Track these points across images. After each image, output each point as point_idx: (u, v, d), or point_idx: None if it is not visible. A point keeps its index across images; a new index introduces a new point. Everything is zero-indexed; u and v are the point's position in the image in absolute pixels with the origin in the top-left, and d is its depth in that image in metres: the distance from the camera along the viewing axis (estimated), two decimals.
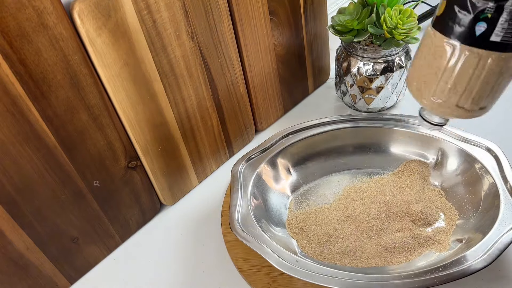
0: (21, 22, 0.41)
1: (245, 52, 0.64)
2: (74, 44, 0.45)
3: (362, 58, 0.67)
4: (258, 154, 0.61)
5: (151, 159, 0.58)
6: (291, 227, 0.57)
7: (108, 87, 0.50)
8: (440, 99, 0.42)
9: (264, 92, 0.70)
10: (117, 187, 0.56)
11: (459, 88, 0.40)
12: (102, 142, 0.52)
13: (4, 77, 0.42)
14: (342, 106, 0.76)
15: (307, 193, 0.61)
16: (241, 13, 0.60)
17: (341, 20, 0.65)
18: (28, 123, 0.45)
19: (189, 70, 0.57)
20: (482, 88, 0.40)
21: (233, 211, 0.53)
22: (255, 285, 0.53)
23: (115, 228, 0.58)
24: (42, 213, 0.50)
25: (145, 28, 0.50)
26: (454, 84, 0.40)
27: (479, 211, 0.54)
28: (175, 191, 0.64)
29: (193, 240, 0.60)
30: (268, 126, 0.74)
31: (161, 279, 0.56)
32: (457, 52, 0.38)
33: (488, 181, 0.54)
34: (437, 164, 0.60)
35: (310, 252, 0.54)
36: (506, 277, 0.50)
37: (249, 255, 0.55)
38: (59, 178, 0.50)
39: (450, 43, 0.38)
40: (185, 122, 0.60)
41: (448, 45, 0.38)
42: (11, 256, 0.49)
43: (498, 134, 0.65)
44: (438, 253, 0.51)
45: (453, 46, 0.38)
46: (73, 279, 0.56)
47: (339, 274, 0.46)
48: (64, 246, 0.53)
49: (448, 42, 0.38)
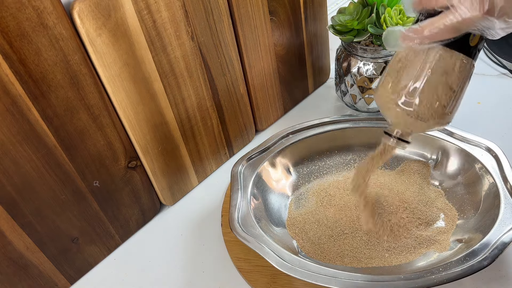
0: (21, 22, 0.41)
1: (245, 52, 0.64)
2: (74, 44, 0.45)
3: (362, 58, 0.67)
4: (258, 154, 0.61)
5: (151, 159, 0.58)
6: (291, 227, 0.57)
7: (108, 87, 0.50)
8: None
9: (264, 92, 0.70)
10: (117, 187, 0.56)
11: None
12: (102, 142, 0.52)
13: (4, 77, 0.42)
14: (342, 106, 0.76)
15: (307, 193, 0.61)
16: (241, 13, 0.60)
17: (341, 20, 0.65)
18: (28, 123, 0.45)
19: (189, 70, 0.57)
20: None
21: (233, 211, 0.53)
22: (255, 285, 0.53)
23: (115, 228, 0.58)
24: (42, 213, 0.50)
25: (145, 28, 0.50)
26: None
27: (479, 211, 0.54)
28: (175, 191, 0.64)
29: (193, 240, 0.60)
30: (268, 126, 0.74)
31: (161, 279, 0.56)
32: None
33: (488, 181, 0.54)
34: (437, 164, 0.60)
35: (310, 252, 0.54)
36: (506, 277, 0.50)
37: (249, 255, 0.55)
38: (59, 178, 0.50)
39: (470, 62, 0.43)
40: (185, 122, 0.60)
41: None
42: (11, 256, 0.49)
43: (498, 134, 0.65)
44: (438, 253, 0.51)
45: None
46: (73, 279, 0.56)
47: (339, 274, 0.46)
48: (64, 246, 0.53)
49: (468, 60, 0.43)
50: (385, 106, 0.46)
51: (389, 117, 0.46)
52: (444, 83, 0.42)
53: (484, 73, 0.77)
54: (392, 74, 0.44)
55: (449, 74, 0.42)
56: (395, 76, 0.44)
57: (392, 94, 0.44)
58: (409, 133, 0.47)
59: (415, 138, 0.61)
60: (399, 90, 0.43)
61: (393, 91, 0.44)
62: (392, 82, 0.44)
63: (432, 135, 0.60)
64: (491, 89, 0.74)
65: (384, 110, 0.46)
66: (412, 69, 0.43)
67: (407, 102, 0.43)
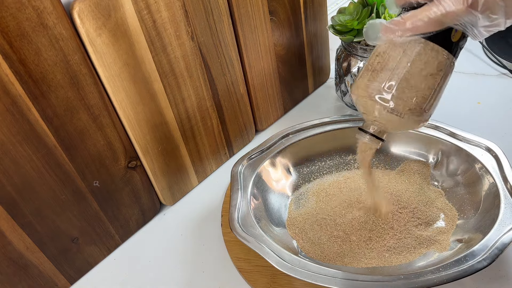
0: (21, 22, 0.41)
1: (245, 52, 0.64)
2: (74, 44, 0.45)
3: (362, 58, 0.67)
4: (258, 154, 0.61)
5: (151, 159, 0.58)
6: (291, 227, 0.57)
7: (108, 87, 0.50)
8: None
9: (264, 92, 0.70)
10: (117, 187, 0.56)
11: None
12: (102, 142, 0.52)
13: (4, 77, 0.42)
14: (342, 106, 0.76)
15: (307, 193, 0.61)
16: (241, 13, 0.60)
17: (341, 20, 0.65)
18: (28, 123, 0.45)
19: (189, 70, 0.57)
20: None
21: (233, 211, 0.53)
22: (255, 285, 0.53)
23: (115, 228, 0.58)
24: (42, 213, 0.50)
25: (145, 28, 0.50)
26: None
27: (479, 211, 0.53)
28: (175, 191, 0.64)
29: (193, 240, 0.60)
30: (268, 126, 0.74)
31: (161, 279, 0.56)
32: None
33: (488, 181, 0.54)
34: (437, 164, 0.60)
35: (310, 252, 0.54)
36: (506, 277, 0.50)
37: (249, 255, 0.55)
38: (59, 178, 0.50)
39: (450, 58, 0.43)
40: (185, 122, 0.60)
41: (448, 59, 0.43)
42: (11, 256, 0.49)
43: (498, 134, 0.65)
44: (438, 253, 0.51)
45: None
46: (73, 279, 0.56)
47: (339, 274, 0.46)
48: (64, 246, 0.53)
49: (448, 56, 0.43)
50: (361, 101, 0.45)
51: (365, 113, 0.46)
52: (422, 78, 0.42)
53: (484, 73, 0.77)
54: (369, 68, 0.44)
55: (429, 68, 0.41)
56: (372, 70, 0.43)
57: (368, 88, 0.43)
58: (384, 131, 0.46)
59: (416, 138, 0.62)
60: (376, 84, 0.43)
61: (370, 86, 0.43)
62: (369, 76, 0.43)
63: (432, 135, 0.60)
64: (491, 89, 0.74)
65: (360, 105, 0.45)
66: (391, 63, 0.42)
67: (383, 97, 0.42)
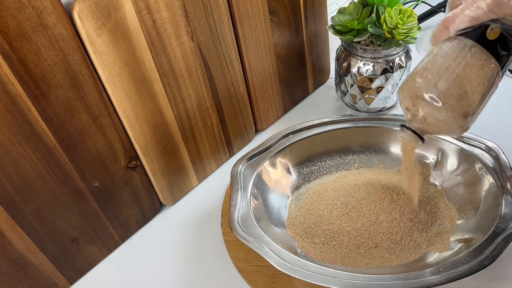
0: (21, 22, 0.41)
1: (245, 52, 0.64)
2: (74, 44, 0.45)
3: (362, 58, 0.67)
4: (258, 154, 0.61)
5: (151, 159, 0.58)
6: (291, 227, 0.57)
7: (108, 87, 0.50)
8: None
9: (264, 92, 0.70)
10: (117, 187, 0.56)
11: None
12: (102, 142, 0.52)
13: (4, 77, 0.42)
14: (342, 106, 0.76)
15: (307, 193, 0.61)
16: (241, 13, 0.60)
17: (341, 20, 0.65)
18: (28, 123, 0.45)
19: (189, 70, 0.57)
20: None
21: (233, 211, 0.53)
22: (255, 285, 0.53)
23: (115, 228, 0.58)
24: (42, 213, 0.50)
25: (145, 28, 0.50)
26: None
27: (479, 211, 0.54)
28: (175, 191, 0.64)
29: (193, 240, 0.60)
30: (268, 126, 0.74)
31: (161, 279, 0.56)
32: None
33: (488, 181, 0.54)
34: (437, 164, 0.60)
35: (310, 252, 0.54)
36: (506, 277, 0.50)
37: (249, 255, 0.55)
38: (59, 178, 0.50)
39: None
40: (185, 122, 0.60)
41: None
42: (11, 256, 0.49)
43: (498, 134, 0.65)
44: (438, 253, 0.51)
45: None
46: (73, 279, 0.56)
47: (339, 274, 0.46)
48: (64, 246, 0.53)
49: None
50: (408, 100, 0.46)
51: (409, 110, 0.47)
52: (472, 82, 0.43)
53: None
54: (421, 68, 0.46)
55: (478, 73, 0.43)
56: (422, 71, 0.45)
57: (419, 88, 0.45)
58: (426, 130, 0.47)
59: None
60: (427, 83, 0.44)
61: (421, 84, 0.45)
62: (420, 74, 0.45)
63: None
64: None
65: (407, 104, 0.47)
66: (442, 64, 0.44)
67: (432, 96, 0.44)
